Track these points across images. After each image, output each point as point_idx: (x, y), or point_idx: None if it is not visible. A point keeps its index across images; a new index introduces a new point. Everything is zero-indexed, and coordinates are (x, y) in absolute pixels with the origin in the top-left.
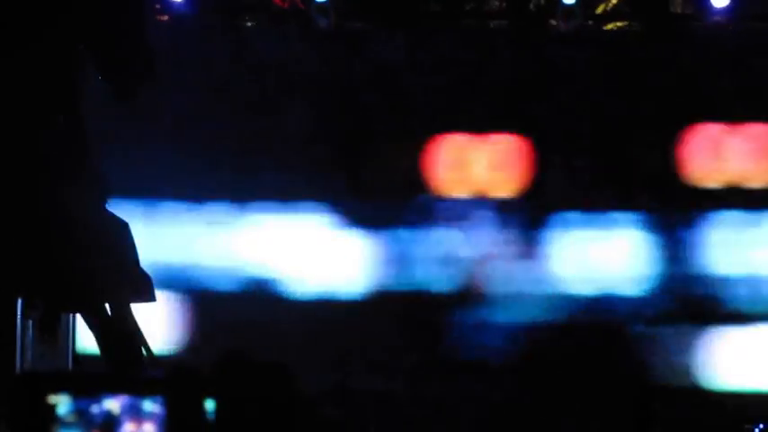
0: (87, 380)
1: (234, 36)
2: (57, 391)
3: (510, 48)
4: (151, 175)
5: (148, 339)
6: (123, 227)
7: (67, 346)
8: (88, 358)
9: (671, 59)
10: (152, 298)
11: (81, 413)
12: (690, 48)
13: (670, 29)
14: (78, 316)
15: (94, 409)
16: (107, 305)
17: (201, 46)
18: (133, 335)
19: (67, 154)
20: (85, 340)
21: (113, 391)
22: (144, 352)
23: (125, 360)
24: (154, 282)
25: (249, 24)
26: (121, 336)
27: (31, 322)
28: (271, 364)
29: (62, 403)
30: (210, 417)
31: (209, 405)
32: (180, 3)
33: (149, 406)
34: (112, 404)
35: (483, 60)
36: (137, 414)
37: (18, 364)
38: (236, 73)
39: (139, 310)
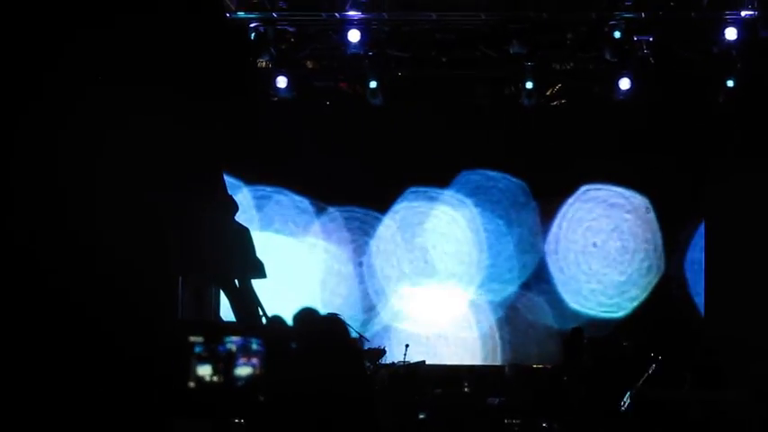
0: (214, 327)
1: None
2: (194, 334)
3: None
4: None
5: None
6: (245, 231)
7: (210, 313)
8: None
9: (589, 126)
10: (264, 275)
11: (210, 350)
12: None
13: (590, 105)
14: (219, 290)
15: (219, 348)
16: (236, 281)
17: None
18: (252, 300)
19: (211, 187)
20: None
21: (231, 334)
22: (261, 312)
23: (248, 318)
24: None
25: (327, 103)
26: (245, 301)
27: (186, 294)
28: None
29: (198, 343)
30: (293, 353)
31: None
32: (283, 88)
33: (255, 345)
34: (231, 345)
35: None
36: (247, 352)
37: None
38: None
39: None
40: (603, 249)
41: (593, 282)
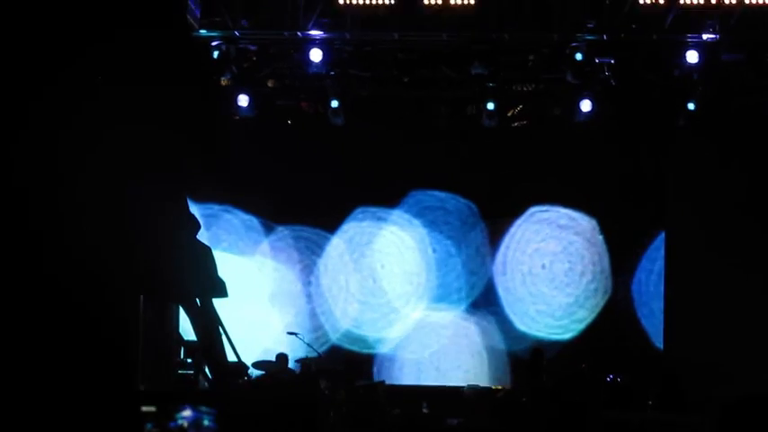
0: (167, 397)
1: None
2: (147, 404)
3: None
4: None
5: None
6: (207, 249)
7: (171, 331)
8: (184, 340)
9: (547, 148)
10: (226, 294)
11: (161, 427)
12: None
13: (551, 126)
14: (180, 308)
15: (170, 424)
16: (197, 299)
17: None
18: (213, 319)
19: (177, 207)
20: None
21: (186, 404)
22: (221, 331)
23: (207, 335)
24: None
25: (289, 122)
26: (206, 320)
27: (147, 312)
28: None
29: (150, 417)
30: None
31: None
32: (245, 107)
33: (207, 422)
34: (182, 420)
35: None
36: (199, 428)
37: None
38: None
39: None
40: (551, 271)
41: (540, 303)
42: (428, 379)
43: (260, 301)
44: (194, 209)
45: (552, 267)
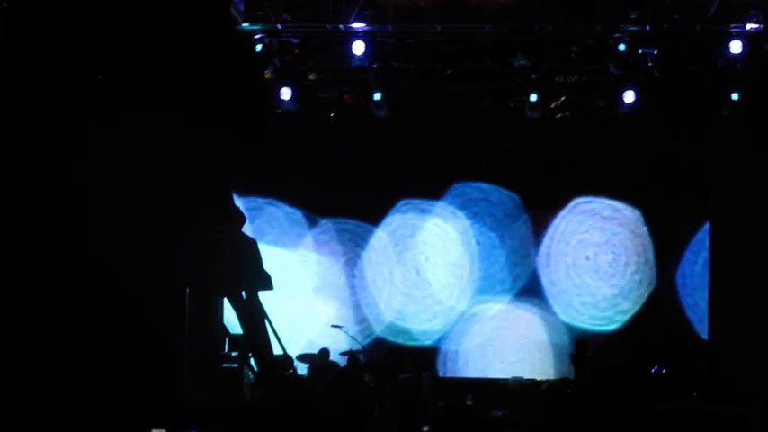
0: (176, 418)
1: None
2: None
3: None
4: None
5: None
6: (253, 243)
7: (216, 325)
8: (229, 333)
9: (591, 139)
10: (271, 287)
11: None
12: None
13: (594, 117)
14: (225, 300)
15: None
16: (243, 292)
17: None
18: (259, 313)
19: (221, 201)
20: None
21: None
22: (267, 324)
23: (253, 328)
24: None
25: (331, 115)
26: (252, 313)
27: (192, 306)
28: None
29: None
30: None
31: None
32: (287, 101)
33: None
34: None
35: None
36: None
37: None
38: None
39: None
40: (595, 262)
41: (584, 294)
42: (473, 371)
43: (304, 294)
44: (238, 202)
45: (596, 258)
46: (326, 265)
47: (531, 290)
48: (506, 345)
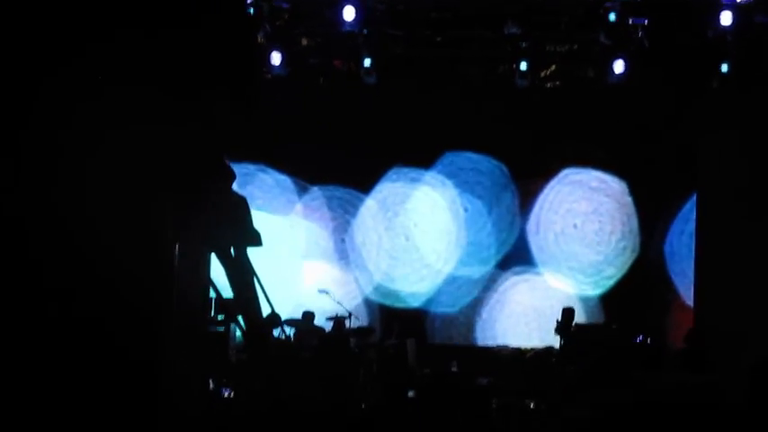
0: None
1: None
2: None
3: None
4: None
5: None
6: (243, 200)
7: (204, 282)
8: (218, 295)
9: (580, 109)
10: (260, 243)
11: None
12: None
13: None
14: (213, 256)
15: None
16: (232, 249)
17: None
18: (248, 270)
19: (211, 158)
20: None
21: None
22: (256, 282)
23: (243, 288)
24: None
25: (321, 80)
26: (241, 270)
27: (180, 262)
28: None
29: None
30: None
31: None
32: (277, 66)
33: None
34: None
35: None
36: None
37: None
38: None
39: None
40: (582, 231)
41: (571, 261)
42: (458, 338)
43: (293, 259)
44: None
45: (583, 227)
46: (316, 231)
47: (518, 256)
48: (494, 311)
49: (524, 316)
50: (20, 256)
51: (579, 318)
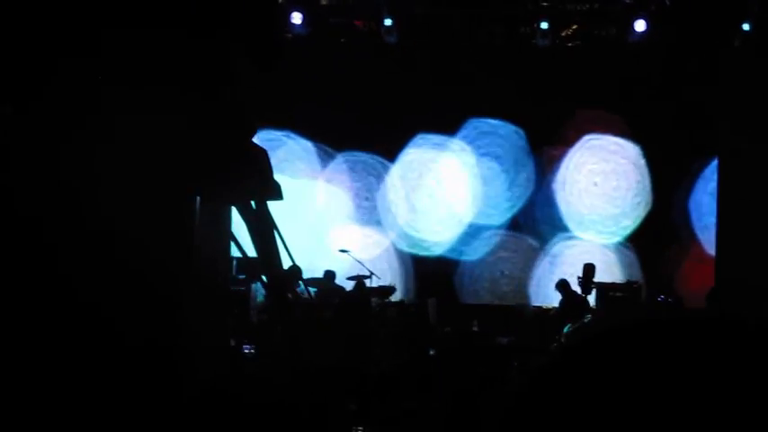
0: None
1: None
2: None
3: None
4: None
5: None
6: (263, 153)
7: (225, 234)
8: (241, 254)
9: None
10: (281, 197)
11: None
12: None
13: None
14: (234, 209)
15: None
16: (252, 202)
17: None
18: (269, 223)
19: (232, 112)
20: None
21: None
22: (276, 235)
23: (263, 241)
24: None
25: (342, 40)
26: (262, 223)
27: (202, 216)
28: None
29: None
30: None
31: None
32: (298, 25)
33: None
34: None
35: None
36: None
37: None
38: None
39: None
40: (602, 187)
41: (593, 214)
42: (481, 297)
43: (319, 223)
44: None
45: (603, 184)
46: (339, 194)
47: (543, 213)
48: (516, 269)
49: (544, 277)
50: (32, 218)
51: (600, 271)
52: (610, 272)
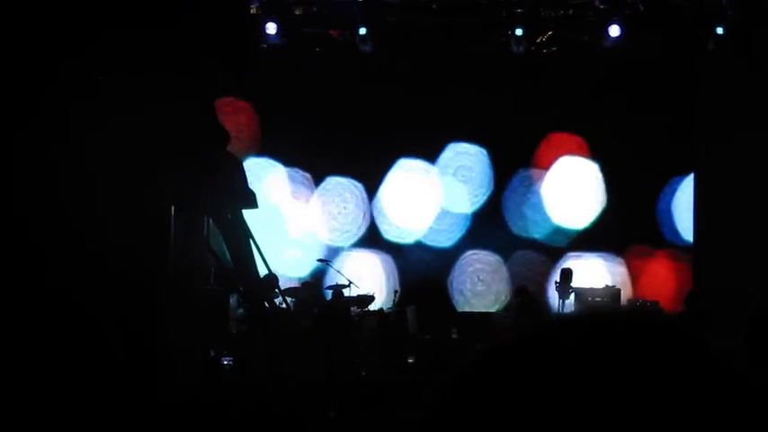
0: None
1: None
2: None
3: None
4: None
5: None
6: (237, 161)
7: (201, 243)
8: (217, 261)
9: (578, 71)
10: (256, 206)
11: None
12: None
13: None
14: (211, 220)
15: None
16: (227, 213)
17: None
18: (244, 232)
19: (206, 121)
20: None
21: None
22: (252, 244)
23: (239, 250)
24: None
25: (317, 50)
26: (238, 232)
27: (177, 224)
28: None
29: None
30: None
31: None
32: (273, 35)
33: None
34: None
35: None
36: None
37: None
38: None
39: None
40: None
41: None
42: (458, 305)
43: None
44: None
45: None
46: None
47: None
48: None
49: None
50: (17, 221)
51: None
52: (590, 277)
